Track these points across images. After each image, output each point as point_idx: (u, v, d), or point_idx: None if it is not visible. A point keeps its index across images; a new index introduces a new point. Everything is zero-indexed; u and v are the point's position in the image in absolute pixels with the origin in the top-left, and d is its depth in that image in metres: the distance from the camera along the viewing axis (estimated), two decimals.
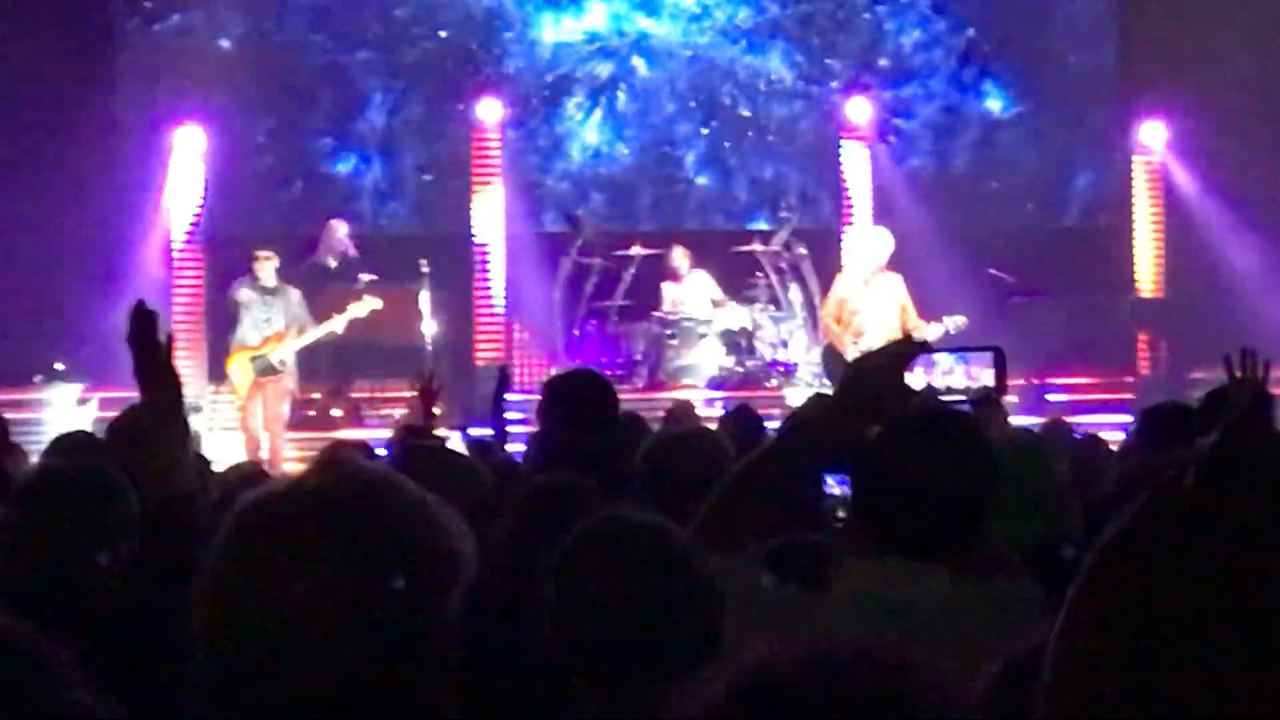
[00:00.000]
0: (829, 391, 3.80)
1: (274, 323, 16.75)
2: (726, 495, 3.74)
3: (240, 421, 16.85)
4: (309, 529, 2.22)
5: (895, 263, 16.56)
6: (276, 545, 2.22)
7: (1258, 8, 19.33)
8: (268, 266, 16.98)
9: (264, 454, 15.97)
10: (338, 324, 16.98)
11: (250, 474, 7.51)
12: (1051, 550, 4.53)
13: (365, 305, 17.00)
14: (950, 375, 4.12)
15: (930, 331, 15.49)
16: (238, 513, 2.27)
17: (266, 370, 16.66)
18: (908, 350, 3.82)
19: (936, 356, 4.21)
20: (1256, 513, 1.43)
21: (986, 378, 4.09)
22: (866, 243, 16.87)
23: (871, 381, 3.66)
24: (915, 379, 3.88)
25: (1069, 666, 1.46)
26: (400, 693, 2.22)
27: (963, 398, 4.10)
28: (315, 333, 16.98)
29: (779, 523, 3.96)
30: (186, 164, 19.65)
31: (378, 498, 2.27)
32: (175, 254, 19.53)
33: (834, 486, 5.75)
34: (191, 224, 19.59)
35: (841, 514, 5.58)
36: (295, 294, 17.11)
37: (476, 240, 20.29)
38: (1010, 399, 14.16)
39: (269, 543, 2.23)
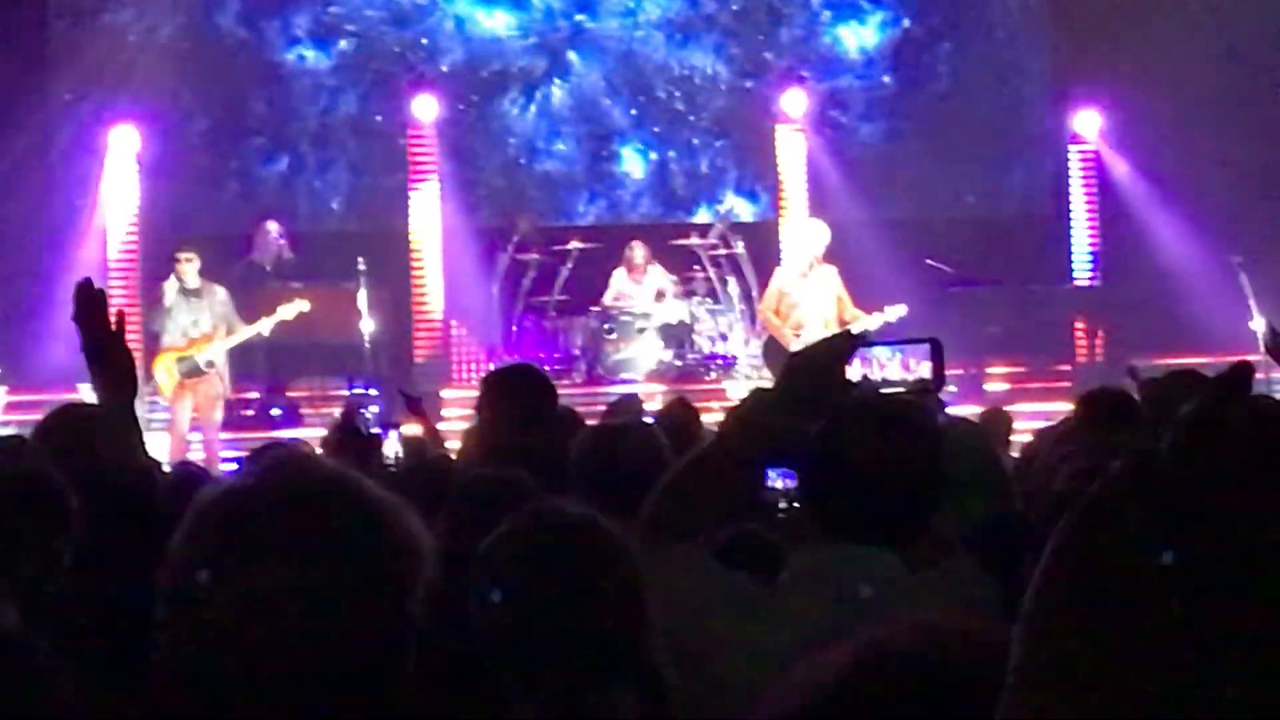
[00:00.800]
0: (769, 385, 3.78)
1: (200, 324, 16.51)
2: (673, 487, 3.74)
3: (168, 423, 16.64)
4: (274, 526, 2.21)
5: (833, 254, 16.58)
6: (240, 541, 2.21)
7: None
8: (189, 268, 16.64)
9: (197, 455, 15.77)
10: (265, 325, 16.77)
11: (193, 473, 7.45)
12: (994, 533, 4.55)
13: (293, 308, 16.80)
14: (888, 367, 4.13)
15: (871, 322, 15.53)
16: (198, 508, 2.26)
17: (193, 372, 16.42)
18: (846, 343, 3.83)
19: (874, 350, 4.22)
20: (1235, 475, 1.43)
21: (924, 369, 4.10)
22: (803, 235, 16.91)
23: (811, 375, 3.66)
24: (853, 371, 3.88)
25: (1044, 632, 1.46)
26: (366, 689, 2.21)
27: (901, 389, 4.11)
28: (243, 334, 16.75)
29: (724, 515, 3.96)
30: (121, 164, 19.54)
31: (341, 495, 2.26)
32: (110, 255, 19.41)
33: (776, 480, 5.75)
34: (127, 225, 19.47)
35: (784, 506, 5.58)
36: (221, 292, 16.82)
37: (413, 237, 20.25)
38: (949, 388, 14.19)
39: (231, 538, 2.21)
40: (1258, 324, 17.19)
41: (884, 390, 4.10)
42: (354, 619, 2.19)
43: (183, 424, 16.44)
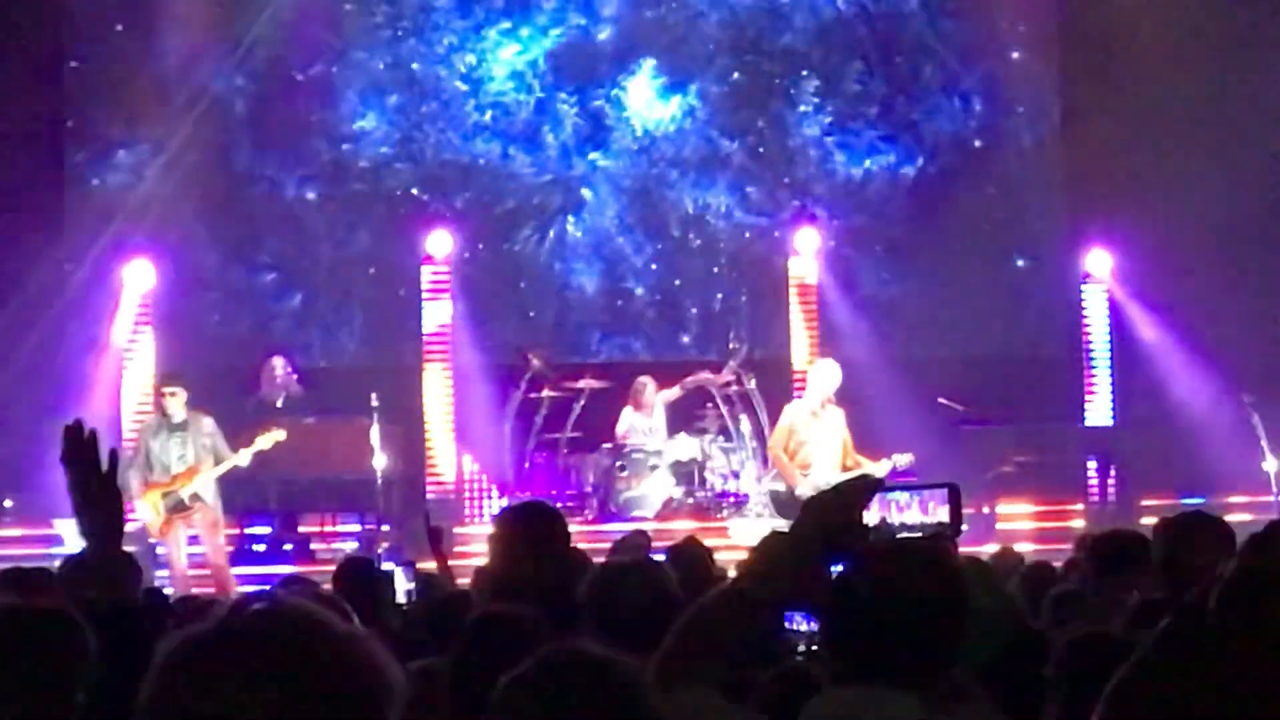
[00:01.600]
0: (785, 527, 3.78)
1: (186, 458, 16.25)
2: (690, 628, 3.72)
3: (166, 561, 16.41)
4: (237, 666, 2.21)
5: (846, 391, 16.60)
6: (202, 688, 2.20)
7: (1197, 138, 19.52)
8: (174, 402, 16.35)
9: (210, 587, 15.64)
10: (244, 457, 16.44)
11: (203, 608, 7.43)
12: (1008, 673, 4.54)
13: (270, 437, 16.51)
14: (906, 511, 4.13)
15: (878, 469, 15.46)
16: (163, 655, 2.25)
17: (177, 507, 16.13)
18: (865, 486, 3.82)
19: (893, 494, 4.22)
20: (1272, 634, 1.44)
21: (942, 514, 4.09)
22: (816, 374, 16.89)
23: (829, 517, 3.66)
24: (872, 515, 3.89)
25: None
26: None
27: (918, 535, 4.10)
28: (226, 464, 16.40)
29: (739, 657, 3.95)
30: (135, 298, 19.62)
31: (303, 634, 2.26)
32: (124, 388, 19.45)
33: (800, 624, 5.74)
34: (141, 358, 19.52)
35: (802, 649, 5.57)
36: (208, 424, 16.49)
37: (426, 374, 20.28)
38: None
39: (195, 685, 2.21)
40: (1270, 464, 17.18)
41: (901, 535, 4.10)
42: None
43: (180, 559, 16.18)
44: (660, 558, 8.46)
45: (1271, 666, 1.44)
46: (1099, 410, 20.90)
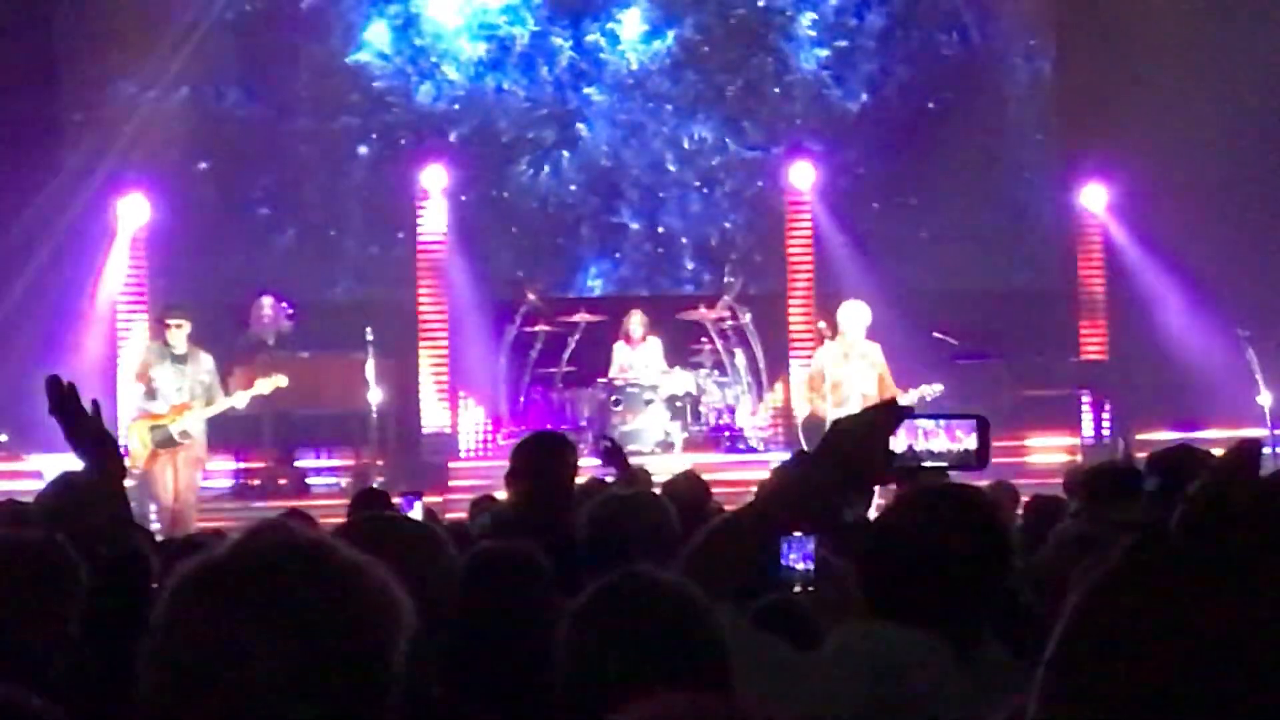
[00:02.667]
0: (810, 451, 3.76)
1: (183, 392, 16.10)
2: (705, 549, 3.71)
3: (150, 493, 16.20)
4: (248, 594, 2.23)
5: (840, 325, 16.62)
6: (217, 611, 2.23)
7: (1193, 72, 19.47)
8: (179, 334, 16.19)
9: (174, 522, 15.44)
10: (240, 399, 16.31)
11: (190, 542, 7.44)
12: (1006, 599, 4.55)
13: (270, 382, 16.37)
14: (933, 439, 4.10)
15: (908, 398, 15.54)
16: (178, 580, 2.27)
17: (165, 442, 15.91)
18: (892, 414, 3.80)
19: (920, 420, 4.20)
20: (1243, 551, 1.44)
21: (970, 442, 4.07)
22: (844, 315, 16.83)
23: (855, 442, 3.64)
24: (899, 442, 3.86)
25: (1059, 708, 1.47)
26: None
27: (944, 464, 4.08)
28: (219, 405, 16.23)
29: (750, 581, 3.95)
30: (130, 233, 19.58)
31: (312, 560, 2.28)
32: (118, 323, 19.44)
33: (795, 560, 5.74)
34: (134, 293, 19.50)
35: (798, 589, 5.57)
36: (207, 360, 16.36)
37: (421, 308, 20.27)
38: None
39: (210, 608, 2.24)
40: (1264, 398, 17.19)
41: (927, 464, 4.08)
42: (334, 679, 2.21)
43: (165, 493, 15.89)
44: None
45: (1230, 589, 1.44)
46: (1093, 345, 20.92)
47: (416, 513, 9.35)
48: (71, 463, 4.60)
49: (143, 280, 19.68)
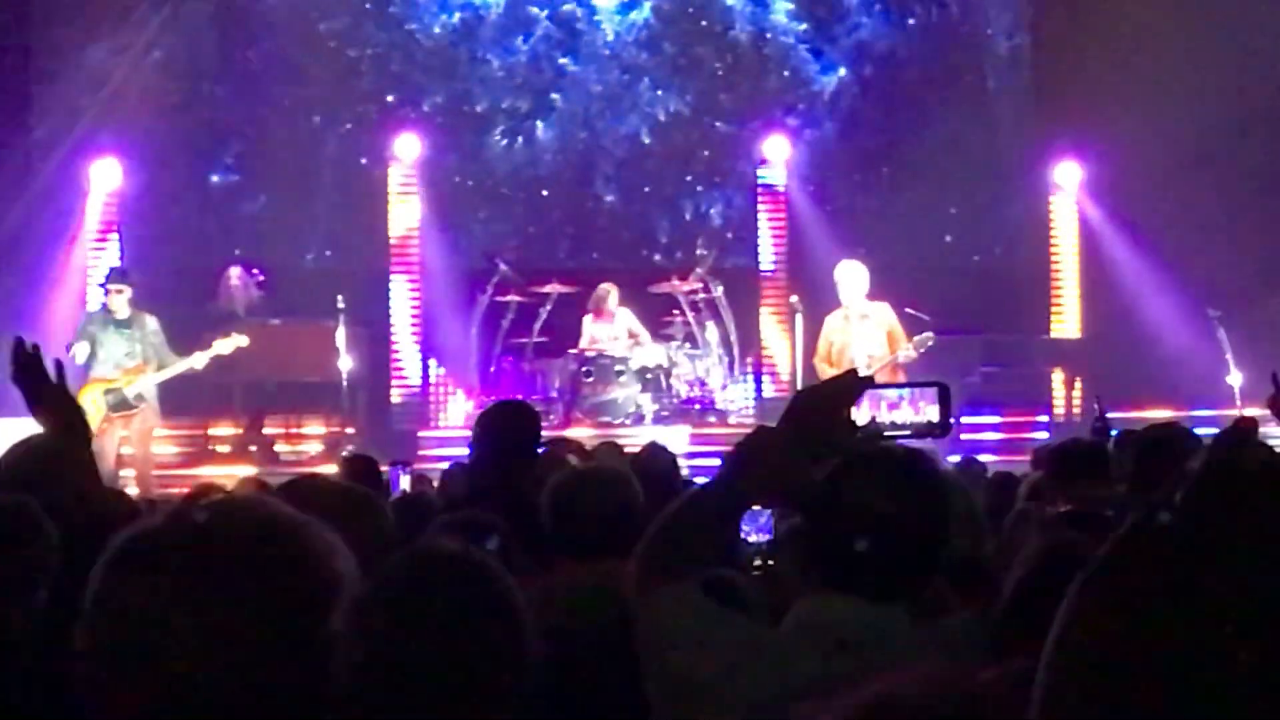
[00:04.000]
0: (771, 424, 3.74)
1: (134, 355, 15.95)
2: (671, 522, 3.69)
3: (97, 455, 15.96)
4: (181, 561, 2.20)
5: (817, 297, 16.62)
6: (148, 583, 2.19)
7: (1167, 50, 19.47)
8: (119, 299, 16.03)
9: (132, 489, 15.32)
10: (199, 360, 16.11)
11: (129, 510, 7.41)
12: (969, 564, 4.55)
13: (230, 343, 16.19)
14: (896, 410, 4.10)
15: (910, 351, 15.71)
16: (110, 552, 2.24)
17: (120, 405, 15.75)
18: (854, 384, 3.79)
19: (883, 391, 4.20)
20: (1243, 531, 1.43)
21: (931, 413, 4.07)
22: (841, 277, 16.80)
23: (818, 414, 3.63)
24: (862, 413, 3.85)
25: (1062, 695, 1.45)
26: (288, 710, 2.20)
27: (907, 433, 4.08)
28: (176, 367, 16.07)
29: (716, 556, 3.92)
30: (102, 197, 19.53)
31: (249, 523, 2.26)
32: (89, 289, 19.36)
33: (752, 535, 5.74)
34: (107, 259, 19.41)
35: (758, 564, 5.57)
36: (152, 322, 16.18)
37: (393, 277, 20.25)
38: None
39: (140, 581, 2.20)
40: (1234, 378, 17.23)
41: (890, 433, 4.07)
42: (272, 645, 2.18)
43: (109, 458, 15.40)
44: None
45: (1242, 564, 1.42)
46: (1065, 323, 20.95)
47: (405, 483, 9.40)
48: (33, 427, 4.56)
49: (113, 244, 19.58)
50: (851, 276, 16.47)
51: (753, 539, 5.78)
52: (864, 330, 16.14)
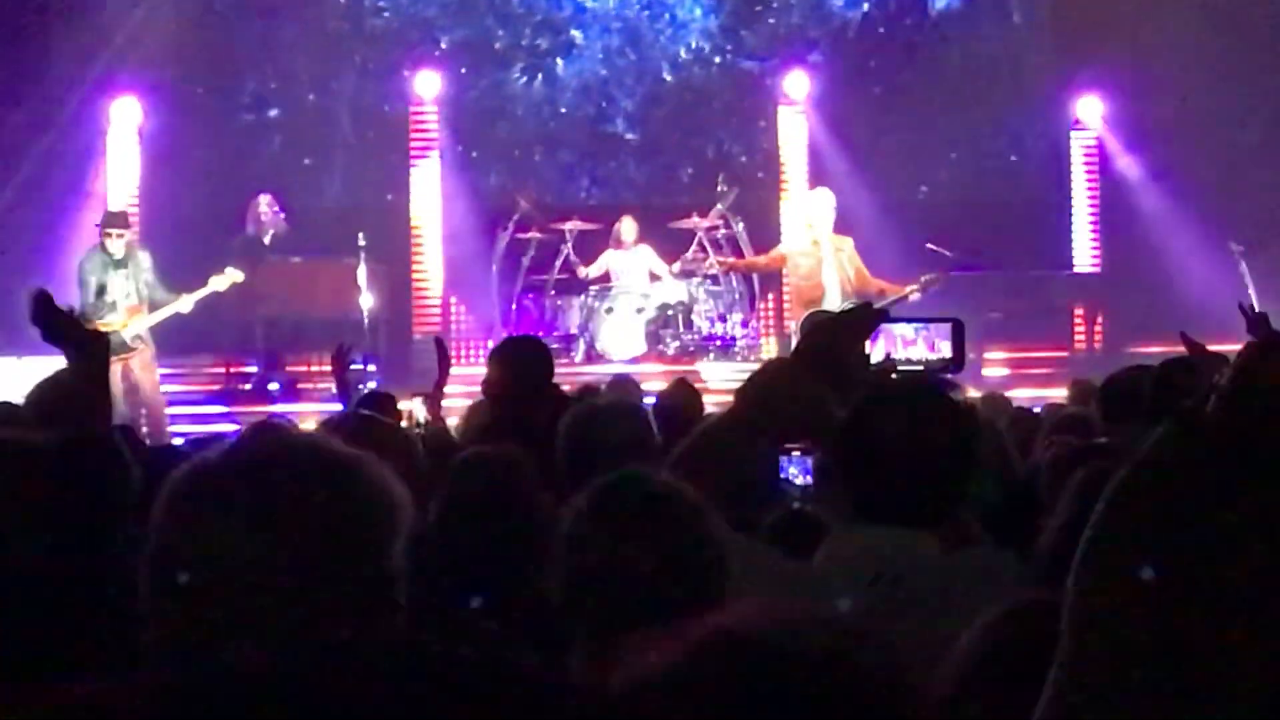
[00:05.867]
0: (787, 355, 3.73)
1: (132, 296, 15.93)
2: (689, 453, 3.70)
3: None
4: (243, 495, 2.23)
5: (839, 232, 16.59)
6: (214, 515, 2.23)
7: None
8: (118, 242, 16.03)
9: (144, 427, 15.33)
10: (187, 302, 16.10)
11: (177, 451, 7.45)
12: (1005, 511, 4.55)
13: (225, 279, 16.24)
14: (911, 346, 4.10)
15: (905, 293, 15.63)
16: (172, 486, 2.26)
17: (119, 348, 15.34)
18: (868, 318, 3.78)
19: (897, 326, 4.20)
20: (1276, 432, 1.43)
21: (945, 349, 4.07)
22: (810, 204, 16.78)
23: (833, 346, 3.62)
24: (877, 349, 3.85)
25: (1096, 604, 1.46)
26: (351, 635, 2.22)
27: (921, 368, 4.08)
28: (170, 308, 16.07)
29: (739, 492, 3.93)
30: (123, 136, 19.54)
31: (308, 460, 2.29)
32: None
33: (794, 473, 5.72)
34: (127, 197, 19.41)
35: (797, 504, 5.57)
36: (145, 259, 16.18)
37: (413, 214, 20.24)
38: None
39: (206, 513, 2.24)
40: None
41: (904, 369, 4.07)
42: (334, 577, 2.21)
43: (118, 401, 14.68)
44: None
45: (1273, 471, 1.42)
46: (1086, 257, 20.89)
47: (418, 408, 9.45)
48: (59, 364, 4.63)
49: (118, 185, 19.57)
50: (825, 204, 16.45)
51: (795, 479, 5.77)
52: (834, 262, 16.09)
